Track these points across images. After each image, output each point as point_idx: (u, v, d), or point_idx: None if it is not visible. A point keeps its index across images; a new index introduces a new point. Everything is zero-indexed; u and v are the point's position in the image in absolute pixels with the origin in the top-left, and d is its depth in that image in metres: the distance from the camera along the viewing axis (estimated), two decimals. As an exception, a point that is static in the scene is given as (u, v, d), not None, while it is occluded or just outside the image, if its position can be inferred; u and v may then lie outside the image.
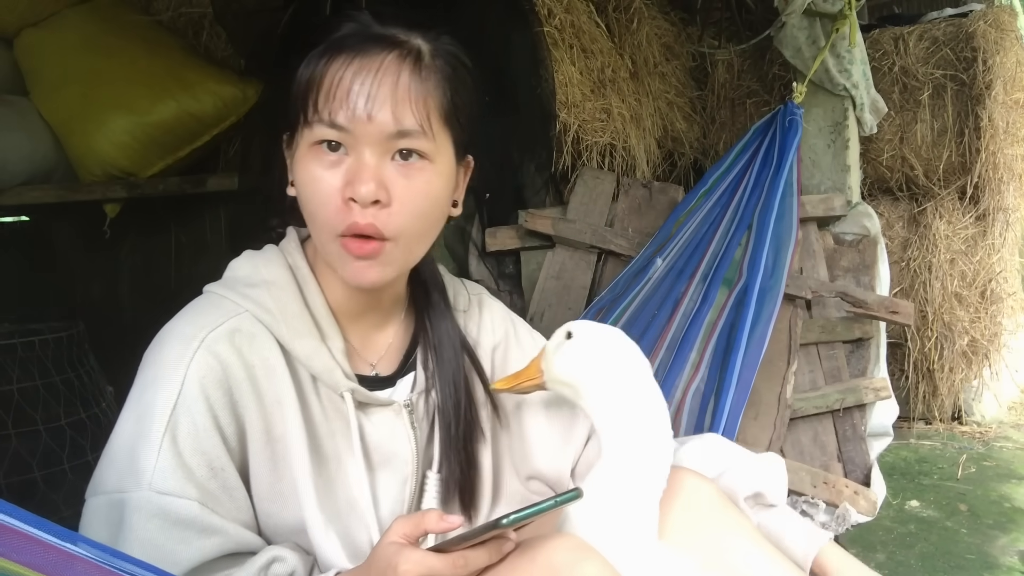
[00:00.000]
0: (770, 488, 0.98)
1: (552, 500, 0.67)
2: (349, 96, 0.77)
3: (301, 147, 0.81)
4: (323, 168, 0.79)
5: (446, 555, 0.68)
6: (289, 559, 0.80)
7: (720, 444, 1.05)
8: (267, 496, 0.82)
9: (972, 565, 2.11)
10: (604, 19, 2.98)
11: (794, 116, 2.46)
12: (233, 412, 0.80)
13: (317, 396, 0.86)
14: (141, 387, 0.79)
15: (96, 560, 0.55)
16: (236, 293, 0.84)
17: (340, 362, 0.86)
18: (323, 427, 0.85)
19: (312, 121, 0.79)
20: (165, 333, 0.82)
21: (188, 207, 2.65)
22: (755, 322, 2.11)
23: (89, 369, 1.88)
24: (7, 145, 2.37)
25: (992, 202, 3.31)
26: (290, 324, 0.84)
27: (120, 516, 0.74)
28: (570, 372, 0.89)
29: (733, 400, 1.98)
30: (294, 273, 0.87)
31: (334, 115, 0.78)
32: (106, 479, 0.77)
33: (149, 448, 0.75)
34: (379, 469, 0.88)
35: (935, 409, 3.44)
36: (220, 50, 2.72)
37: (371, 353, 0.94)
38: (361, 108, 0.77)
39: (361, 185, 0.77)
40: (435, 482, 0.92)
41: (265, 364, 0.82)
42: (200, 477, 0.76)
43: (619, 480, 0.84)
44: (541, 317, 2.51)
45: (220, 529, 0.77)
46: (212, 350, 0.79)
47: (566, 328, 0.91)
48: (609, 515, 0.82)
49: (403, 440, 0.90)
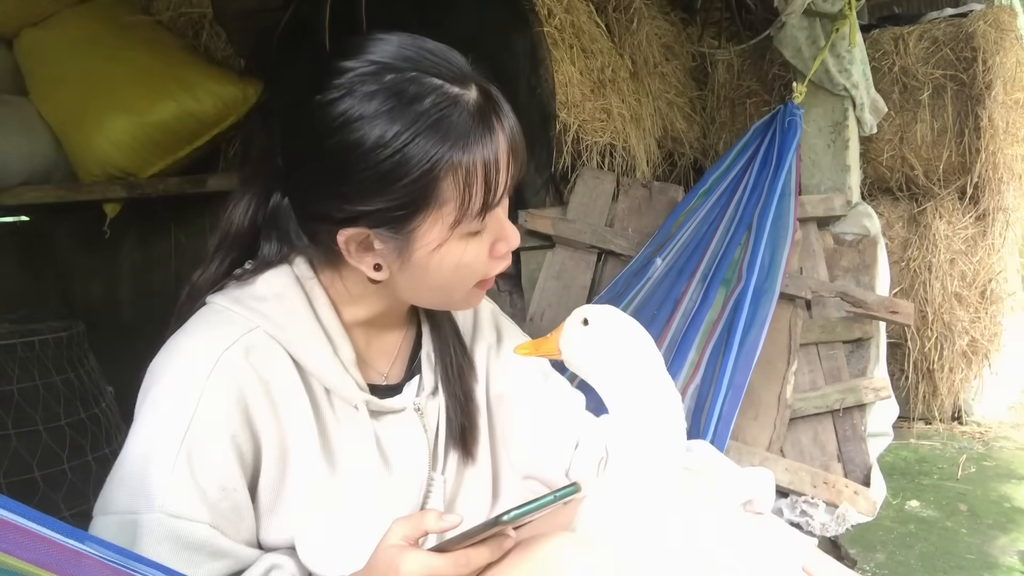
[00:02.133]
0: (759, 497, 0.99)
1: (551, 495, 0.67)
2: (502, 185, 0.79)
3: (436, 232, 0.78)
4: (476, 246, 0.81)
5: (447, 555, 0.67)
6: (287, 566, 0.80)
7: (710, 450, 1.05)
8: (269, 508, 0.82)
9: (972, 565, 2.11)
10: (604, 19, 2.98)
11: (794, 116, 2.46)
12: (251, 430, 0.79)
13: (331, 407, 0.86)
14: (153, 404, 0.77)
15: (104, 558, 0.55)
16: (245, 307, 0.82)
17: (352, 374, 0.86)
18: (338, 437, 0.85)
19: (471, 214, 0.78)
20: (176, 348, 0.80)
21: (188, 207, 2.65)
22: (749, 324, 2.11)
23: (89, 369, 1.88)
24: (7, 145, 2.37)
25: (992, 202, 3.31)
26: (302, 338, 0.83)
27: (131, 537, 0.73)
28: (586, 359, 0.89)
29: (726, 402, 1.98)
30: (302, 285, 0.86)
31: (492, 206, 0.79)
32: (117, 499, 0.75)
33: (162, 469, 0.74)
34: (396, 474, 0.88)
35: (935, 409, 3.44)
36: (220, 50, 2.72)
37: (382, 361, 0.94)
38: (508, 186, 0.80)
39: (514, 240, 0.84)
40: (440, 484, 0.92)
41: (280, 380, 0.81)
42: (212, 498, 0.75)
43: (632, 474, 0.84)
44: (541, 317, 2.51)
45: (230, 552, 0.76)
46: (229, 368, 0.77)
47: (583, 313, 0.91)
48: (622, 509, 0.82)
49: (416, 444, 0.90)
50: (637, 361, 0.87)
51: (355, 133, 0.74)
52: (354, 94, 0.74)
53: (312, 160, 0.78)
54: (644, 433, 0.85)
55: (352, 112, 0.74)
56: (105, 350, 1.99)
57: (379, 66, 0.75)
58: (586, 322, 0.89)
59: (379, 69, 0.75)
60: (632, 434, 0.85)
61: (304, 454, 0.82)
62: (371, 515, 0.84)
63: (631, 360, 0.87)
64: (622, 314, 0.89)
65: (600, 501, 0.83)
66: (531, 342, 0.95)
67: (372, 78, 0.75)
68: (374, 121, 0.74)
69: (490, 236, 0.82)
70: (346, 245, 0.79)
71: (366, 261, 0.81)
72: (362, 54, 0.76)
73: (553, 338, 0.92)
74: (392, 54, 0.76)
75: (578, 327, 0.90)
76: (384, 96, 0.74)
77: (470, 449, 0.95)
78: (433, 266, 0.80)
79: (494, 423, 1.01)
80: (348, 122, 0.74)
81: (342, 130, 0.74)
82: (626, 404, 0.86)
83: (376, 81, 0.75)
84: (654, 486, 0.84)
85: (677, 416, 0.86)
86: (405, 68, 0.75)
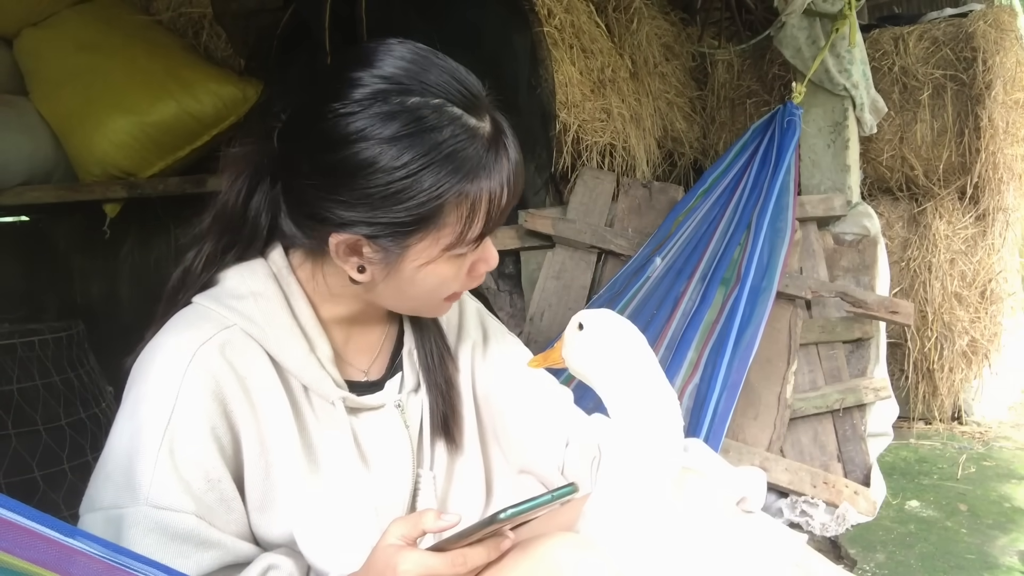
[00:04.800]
0: (751, 495, 0.99)
1: (549, 495, 0.67)
2: (501, 216, 0.82)
3: (428, 251, 0.80)
4: (459, 266, 0.84)
5: (445, 554, 0.68)
6: (284, 566, 0.80)
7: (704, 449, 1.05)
8: (260, 506, 0.82)
9: (972, 565, 2.11)
10: (604, 19, 2.98)
11: (793, 116, 2.46)
12: (228, 422, 0.80)
13: (310, 404, 0.86)
14: (134, 401, 0.78)
15: (96, 554, 0.55)
16: (222, 305, 0.83)
17: (329, 371, 0.87)
18: (317, 435, 0.86)
19: (466, 241, 0.80)
20: (155, 347, 0.81)
21: (188, 207, 2.64)
22: (745, 323, 2.11)
23: (89, 369, 1.88)
24: (7, 145, 2.38)
25: (992, 202, 3.31)
26: (278, 336, 0.84)
27: (117, 531, 0.74)
28: (584, 363, 0.89)
29: (722, 400, 1.99)
30: (280, 283, 0.87)
31: (488, 234, 0.83)
32: (102, 495, 0.76)
33: (145, 462, 0.75)
34: (377, 471, 0.89)
35: (935, 409, 3.44)
36: (220, 50, 2.72)
37: (362, 358, 0.94)
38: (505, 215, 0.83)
39: (494, 262, 0.87)
40: (429, 480, 0.92)
41: (258, 377, 0.82)
42: (197, 490, 0.76)
43: (633, 475, 0.84)
44: (541, 317, 2.51)
45: (218, 542, 0.77)
46: (205, 363, 0.78)
47: (579, 318, 0.91)
48: (623, 511, 0.82)
49: (398, 440, 0.91)
50: (632, 363, 0.87)
51: (369, 151, 0.75)
52: (372, 112, 0.75)
53: (319, 164, 0.78)
54: (643, 434, 0.85)
55: (369, 131, 0.75)
56: (105, 350, 1.98)
57: (402, 87, 0.76)
58: (581, 326, 0.90)
59: (402, 89, 0.76)
60: (631, 435, 0.85)
61: (285, 451, 0.82)
62: (357, 511, 0.85)
63: (626, 362, 0.87)
64: (617, 316, 0.90)
65: (602, 502, 0.83)
66: (541, 355, 0.96)
67: (394, 97, 0.75)
68: (391, 144, 0.74)
69: (473, 257, 0.85)
70: (336, 247, 0.80)
71: (351, 262, 0.82)
72: (385, 66, 0.77)
73: (558, 348, 0.93)
74: (415, 73, 0.77)
75: (575, 332, 0.90)
76: (404, 120, 0.75)
77: (455, 438, 0.96)
78: (417, 280, 0.82)
79: (483, 419, 1.01)
80: (363, 139, 0.75)
81: (356, 145, 0.75)
82: (624, 406, 0.86)
83: (397, 103, 0.75)
84: (654, 488, 0.84)
85: (674, 416, 0.86)
86: (428, 93, 0.76)
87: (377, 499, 0.87)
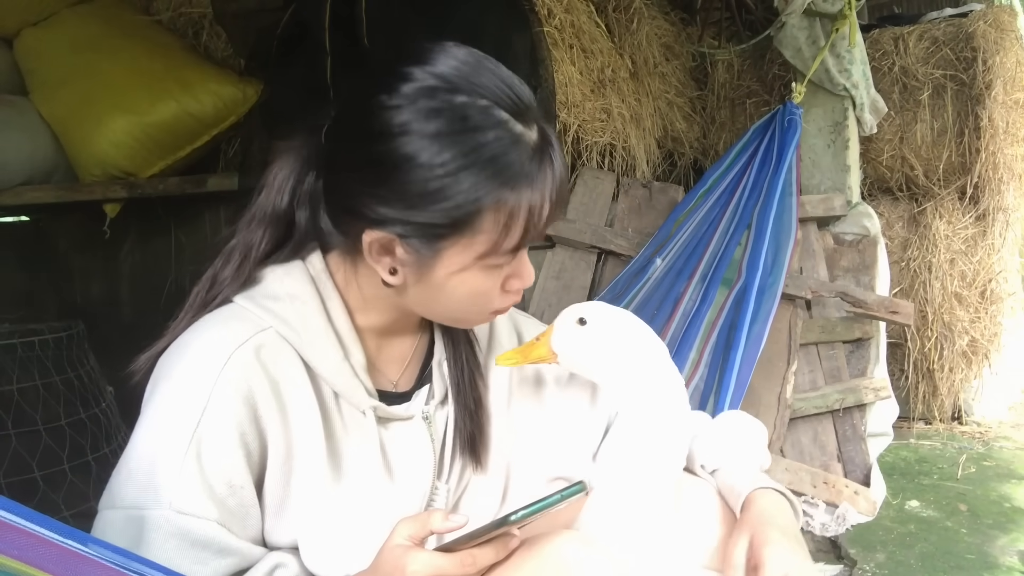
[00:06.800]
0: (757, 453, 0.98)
1: (558, 495, 0.67)
2: (540, 229, 0.79)
3: (460, 258, 0.78)
4: (492, 278, 0.81)
5: (453, 554, 0.67)
6: (291, 565, 0.79)
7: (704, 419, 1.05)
8: (275, 511, 0.81)
9: (972, 565, 2.10)
10: (604, 19, 2.98)
11: (793, 116, 2.46)
12: (257, 428, 0.79)
13: (339, 411, 0.85)
14: (163, 398, 0.77)
15: (103, 560, 0.55)
16: (258, 306, 0.82)
17: (362, 379, 0.86)
18: (344, 442, 0.85)
19: (501, 251, 0.77)
20: (187, 343, 0.79)
21: (188, 207, 2.65)
22: (753, 320, 2.12)
23: (89, 369, 1.88)
24: (7, 145, 2.38)
25: (992, 202, 3.31)
26: (313, 341, 0.83)
27: (138, 533, 0.73)
28: (588, 358, 0.89)
29: (732, 398, 1.99)
30: (317, 287, 0.85)
31: (524, 247, 0.80)
32: (124, 493, 0.75)
33: (171, 465, 0.74)
34: (399, 482, 0.88)
35: (935, 409, 3.44)
36: (220, 50, 2.73)
37: (392, 368, 0.93)
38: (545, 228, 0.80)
39: (529, 279, 0.84)
40: (444, 492, 0.91)
41: (290, 382, 0.81)
42: (220, 495, 0.75)
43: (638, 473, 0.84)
44: (541, 317, 2.50)
45: (236, 550, 0.76)
46: (240, 366, 0.77)
47: (577, 312, 0.90)
48: (627, 508, 0.82)
49: (422, 452, 0.90)
50: (643, 354, 0.87)
51: (410, 146, 0.73)
52: (418, 107, 0.74)
53: (360, 156, 0.78)
54: (651, 429, 0.85)
55: (412, 125, 0.73)
56: (105, 350, 1.98)
57: (451, 85, 0.75)
58: (582, 321, 0.89)
59: (451, 88, 0.74)
60: (639, 430, 0.85)
61: (309, 457, 0.82)
62: (373, 521, 0.84)
63: (637, 354, 0.87)
64: (616, 308, 0.90)
65: (605, 499, 0.83)
66: (516, 350, 0.94)
67: (442, 94, 0.74)
68: (432, 141, 0.73)
69: (508, 271, 0.82)
70: (369, 245, 0.79)
71: (384, 262, 0.80)
72: (438, 64, 0.75)
73: (543, 342, 0.91)
74: (467, 74, 0.75)
75: (574, 327, 0.89)
76: (448, 118, 0.73)
77: (480, 457, 0.94)
78: (448, 288, 0.80)
79: (513, 430, 0.99)
80: (405, 133, 0.74)
81: (398, 139, 0.74)
82: (633, 399, 0.86)
83: (444, 99, 0.74)
84: (658, 485, 0.84)
85: (683, 409, 0.86)
86: (476, 94, 0.75)
87: (394, 509, 0.86)
